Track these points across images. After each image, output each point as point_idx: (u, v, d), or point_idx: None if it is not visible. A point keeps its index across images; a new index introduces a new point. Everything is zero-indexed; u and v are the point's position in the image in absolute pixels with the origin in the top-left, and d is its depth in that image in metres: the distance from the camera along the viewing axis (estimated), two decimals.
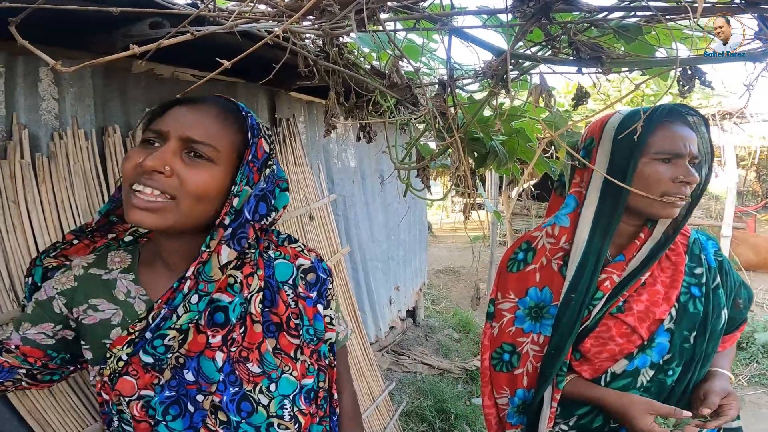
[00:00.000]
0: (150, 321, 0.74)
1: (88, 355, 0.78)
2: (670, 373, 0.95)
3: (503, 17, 0.96)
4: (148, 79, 1.34)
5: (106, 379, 0.76)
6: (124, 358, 0.74)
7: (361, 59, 1.54)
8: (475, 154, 1.31)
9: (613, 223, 0.95)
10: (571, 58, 0.82)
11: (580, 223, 0.98)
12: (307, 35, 1.30)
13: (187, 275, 0.72)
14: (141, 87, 1.32)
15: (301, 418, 0.80)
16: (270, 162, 0.77)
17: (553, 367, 0.96)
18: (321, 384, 0.86)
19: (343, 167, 2.49)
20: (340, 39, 1.25)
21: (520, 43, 0.87)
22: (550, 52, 0.89)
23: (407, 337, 3.72)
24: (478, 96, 1.22)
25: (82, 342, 0.79)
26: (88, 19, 0.93)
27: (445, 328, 4.11)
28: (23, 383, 0.80)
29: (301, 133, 1.97)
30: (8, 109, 0.99)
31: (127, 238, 0.86)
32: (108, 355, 0.75)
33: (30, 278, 0.83)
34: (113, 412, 0.79)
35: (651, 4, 0.73)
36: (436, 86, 1.15)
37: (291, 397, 0.80)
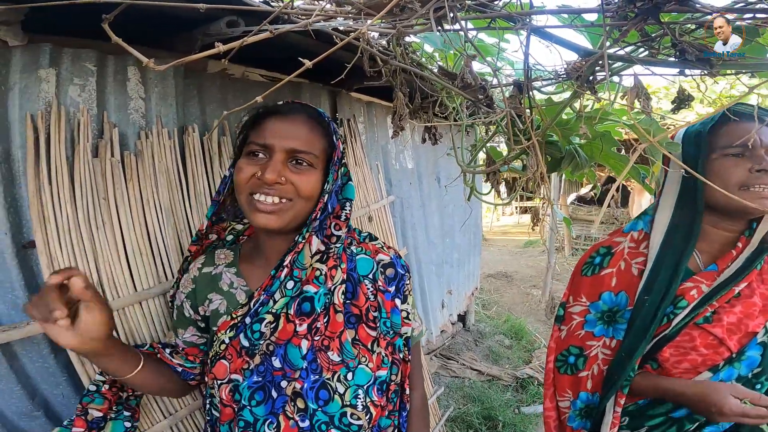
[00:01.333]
0: (251, 306, 0.82)
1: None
2: (758, 387, 0.91)
3: (589, 17, 0.90)
4: (221, 79, 1.39)
5: (209, 362, 0.85)
6: (227, 341, 0.83)
7: (424, 60, 1.51)
8: (549, 157, 1.25)
9: (696, 224, 0.92)
10: (673, 59, 0.75)
11: (655, 226, 0.97)
12: (372, 34, 1.29)
13: (284, 263, 0.81)
14: (216, 87, 1.36)
15: (372, 409, 0.84)
16: (344, 160, 0.86)
17: (623, 371, 0.93)
18: (394, 377, 0.90)
19: (400, 168, 2.47)
20: (405, 38, 1.23)
21: (611, 43, 0.81)
22: (646, 53, 0.81)
23: (457, 341, 3.65)
24: (556, 98, 1.16)
25: (206, 333, 0.91)
26: (170, 18, 0.97)
27: (496, 334, 4.00)
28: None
29: (360, 134, 1.98)
30: (99, 108, 1.04)
31: (229, 237, 0.98)
32: (214, 339, 0.84)
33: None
34: (208, 395, 0.88)
35: None
36: (512, 87, 1.10)
37: (365, 387, 0.84)
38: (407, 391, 0.94)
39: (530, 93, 1.00)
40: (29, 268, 0.95)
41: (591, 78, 0.88)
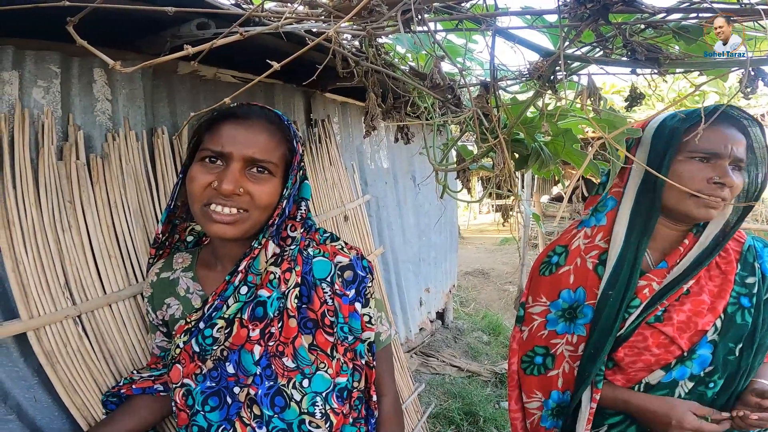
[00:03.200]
0: (204, 311, 0.80)
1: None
2: (711, 385, 0.92)
3: (550, 18, 0.94)
4: (192, 81, 1.37)
5: (168, 366, 0.85)
6: (181, 345, 0.81)
7: (396, 60, 1.54)
8: (516, 155, 1.28)
9: (651, 222, 0.94)
10: (625, 59, 0.79)
11: (618, 220, 0.98)
12: (344, 36, 1.31)
13: (239, 269, 0.79)
14: (186, 88, 1.35)
15: (333, 417, 0.82)
16: (302, 163, 0.84)
17: (594, 366, 0.94)
18: (356, 384, 0.87)
19: (376, 168, 2.49)
20: (378, 40, 1.25)
21: (568, 44, 0.85)
22: (601, 53, 0.86)
23: (436, 338, 3.70)
24: (522, 97, 1.20)
25: (170, 338, 0.90)
26: (138, 19, 0.96)
27: (474, 331, 4.07)
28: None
29: (335, 134, 1.98)
30: (64, 110, 1.02)
31: (189, 238, 0.96)
32: (172, 344, 0.84)
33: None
34: (172, 399, 0.86)
35: (715, 5, 0.70)
36: (479, 87, 1.14)
37: (324, 394, 0.81)
38: (374, 398, 0.90)
39: (496, 92, 1.03)
40: None
41: (552, 77, 0.92)
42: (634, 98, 0.90)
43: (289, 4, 1.18)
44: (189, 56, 0.69)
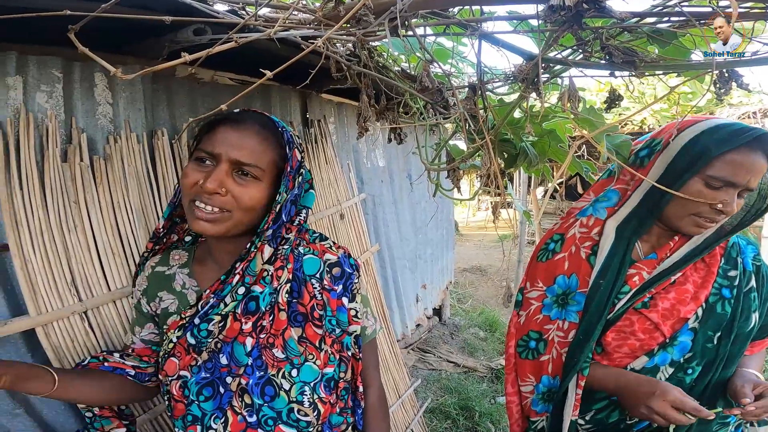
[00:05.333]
0: (199, 308, 0.84)
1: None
2: (690, 371, 0.96)
3: (534, 22, 0.98)
4: (190, 83, 1.41)
5: (161, 360, 0.87)
6: (174, 340, 0.85)
7: (390, 62, 1.57)
8: (505, 154, 1.32)
9: (646, 225, 0.97)
10: (604, 62, 0.83)
11: (615, 217, 1.00)
12: (337, 41, 1.34)
13: (236, 271, 0.83)
14: (185, 91, 1.38)
15: (320, 405, 0.86)
16: (301, 169, 0.86)
17: (582, 353, 0.97)
18: (342, 374, 0.91)
19: (372, 167, 2.53)
20: (370, 43, 1.29)
21: (548, 47, 0.89)
22: (581, 56, 0.90)
23: (433, 335, 3.74)
24: (508, 98, 1.24)
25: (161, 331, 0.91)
26: (138, 25, 0.99)
27: (471, 327, 4.11)
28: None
29: (331, 134, 2.02)
30: (67, 113, 1.06)
31: (187, 238, 0.99)
32: (164, 339, 0.86)
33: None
34: (164, 392, 0.89)
35: (685, 9, 0.74)
36: (467, 89, 1.18)
37: (312, 384, 0.85)
38: (360, 389, 0.95)
39: (483, 94, 1.07)
40: (3, 270, 0.96)
41: (535, 80, 0.96)
42: (613, 99, 0.94)
43: (282, 11, 1.22)
44: (188, 62, 0.73)
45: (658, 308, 0.96)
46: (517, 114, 1.15)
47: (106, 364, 0.91)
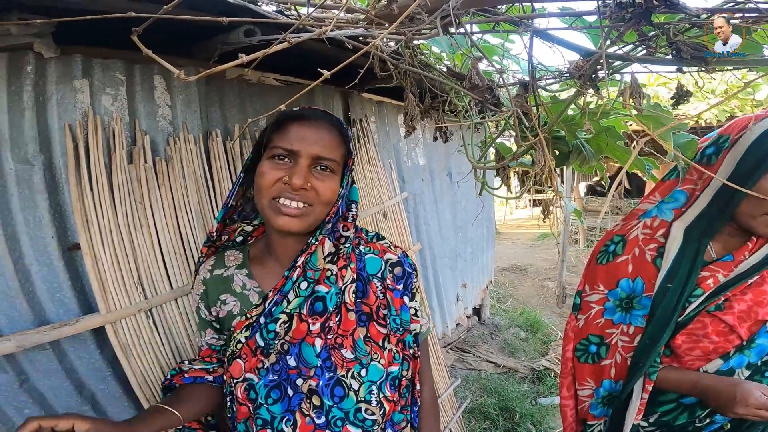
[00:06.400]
0: (265, 306, 0.85)
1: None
2: None
3: (591, 18, 0.94)
4: (239, 85, 1.44)
5: (226, 362, 0.88)
6: (243, 340, 0.85)
7: (432, 60, 1.55)
8: (556, 152, 1.28)
9: (716, 226, 0.93)
10: (670, 57, 0.79)
11: (685, 216, 0.96)
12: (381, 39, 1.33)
13: (297, 264, 0.84)
14: (234, 92, 1.42)
15: (386, 404, 0.87)
16: (353, 165, 0.88)
17: (648, 357, 0.95)
18: (405, 372, 0.91)
19: (413, 165, 2.52)
20: (413, 42, 1.28)
21: (609, 43, 0.85)
22: (644, 52, 0.85)
23: (472, 334, 3.70)
24: (562, 95, 1.20)
25: (222, 335, 0.93)
26: (192, 28, 1.03)
27: (511, 327, 4.03)
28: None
29: (373, 133, 2.03)
30: (131, 116, 1.10)
31: (239, 239, 0.98)
32: (231, 339, 0.87)
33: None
34: (228, 393, 0.90)
35: (760, 5, 0.69)
36: (518, 87, 1.15)
37: (378, 383, 0.86)
38: (418, 387, 0.95)
39: (536, 92, 1.04)
40: (75, 269, 1.02)
41: (593, 76, 0.92)
42: (681, 96, 0.89)
43: (333, 11, 1.23)
44: (243, 64, 0.75)
45: (734, 310, 0.92)
46: (570, 111, 1.11)
47: (186, 375, 0.93)
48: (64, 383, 1.00)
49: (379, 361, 0.87)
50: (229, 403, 0.90)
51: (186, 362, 0.97)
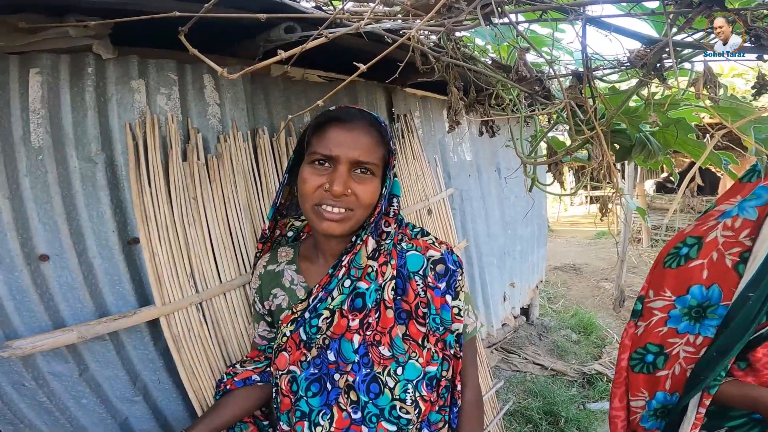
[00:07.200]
0: (310, 302, 0.87)
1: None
2: None
3: (652, 4, 0.86)
4: (284, 82, 1.46)
5: (273, 354, 0.92)
6: (288, 334, 0.88)
7: (477, 53, 1.50)
8: (617, 146, 1.20)
9: None
10: (749, 44, 0.70)
11: None
12: (421, 31, 1.30)
13: (342, 263, 0.86)
14: (279, 89, 1.44)
15: (421, 404, 0.85)
16: (395, 162, 0.87)
17: (712, 371, 0.88)
18: (444, 373, 0.90)
19: (459, 161, 2.46)
20: (456, 34, 1.23)
21: (676, 30, 0.77)
22: (717, 40, 0.77)
23: (519, 335, 3.58)
24: (622, 86, 1.11)
25: (273, 328, 0.98)
26: (235, 26, 1.04)
27: (562, 329, 3.87)
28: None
29: (417, 128, 2.00)
30: (183, 114, 1.15)
31: (290, 234, 1.04)
32: (278, 333, 0.91)
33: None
34: (274, 384, 0.93)
35: None
36: (571, 77, 1.08)
37: (414, 382, 0.85)
38: (458, 387, 0.93)
39: (591, 83, 0.97)
40: (134, 262, 1.08)
41: (658, 65, 0.84)
42: (762, 86, 0.80)
43: (369, 4, 1.21)
44: (282, 60, 0.76)
45: None
46: (632, 102, 1.03)
47: (236, 378, 0.99)
48: (120, 373, 1.05)
49: (417, 360, 0.86)
50: (274, 395, 0.94)
51: (237, 365, 1.03)
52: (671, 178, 6.51)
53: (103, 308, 1.04)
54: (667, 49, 0.71)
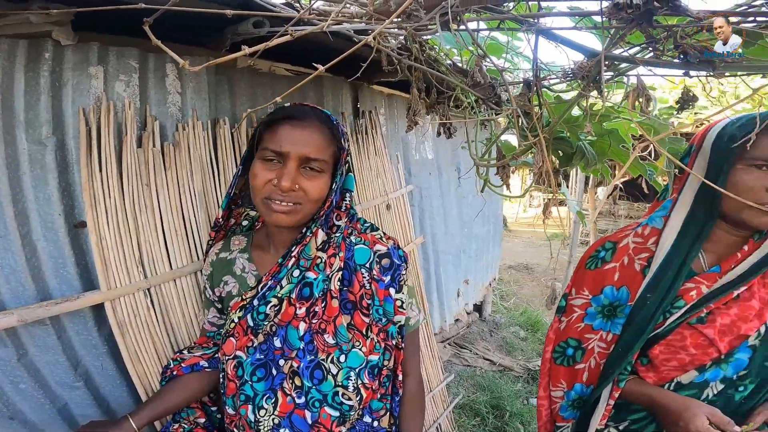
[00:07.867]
0: (259, 290, 0.90)
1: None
2: (741, 389, 0.92)
3: (597, 18, 0.93)
4: (250, 74, 1.46)
5: (221, 340, 0.94)
6: (235, 320, 0.91)
7: (442, 56, 1.55)
8: (560, 153, 1.28)
9: (706, 228, 0.92)
10: (677, 60, 0.78)
11: (670, 223, 0.96)
12: (384, 34, 1.34)
13: (292, 253, 0.89)
14: (245, 81, 1.44)
15: (363, 391, 0.90)
16: (348, 158, 0.91)
17: (618, 365, 0.96)
18: (386, 362, 0.94)
19: (420, 159, 2.52)
20: (422, 36, 1.28)
21: (613, 45, 0.84)
22: (651, 54, 0.85)
23: (471, 331, 3.71)
24: (566, 95, 1.19)
25: (223, 314, 1.00)
26: (202, 19, 1.04)
27: (511, 326, 4.03)
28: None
29: (381, 125, 2.04)
30: (142, 102, 1.14)
31: (245, 223, 1.06)
32: (227, 319, 0.93)
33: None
34: (221, 370, 0.96)
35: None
36: (521, 85, 1.15)
37: (357, 370, 0.89)
38: (400, 377, 0.98)
39: (539, 91, 1.04)
40: (80, 246, 1.06)
41: (597, 77, 0.92)
42: (686, 100, 0.89)
43: (334, 5, 1.23)
44: (249, 54, 0.77)
45: (716, 324, 0.91)
46: (575, 112, 1.11)
47: (183, 364, 1.00)
48: (60, 359, 1.03)
49: (360, 349, 0.90)
50: (221, 380, 0.96)
51: (185, 351, 1.03)
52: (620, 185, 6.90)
53: (46, 292, 1.01)
54: (606, 63, 0.78)
